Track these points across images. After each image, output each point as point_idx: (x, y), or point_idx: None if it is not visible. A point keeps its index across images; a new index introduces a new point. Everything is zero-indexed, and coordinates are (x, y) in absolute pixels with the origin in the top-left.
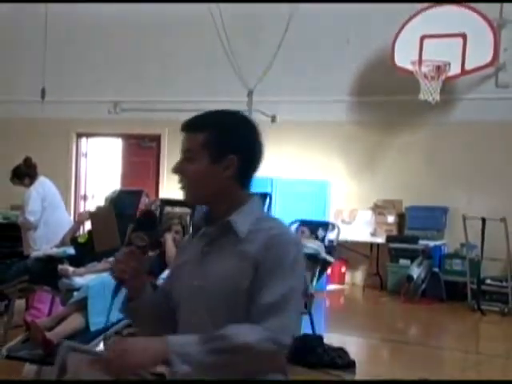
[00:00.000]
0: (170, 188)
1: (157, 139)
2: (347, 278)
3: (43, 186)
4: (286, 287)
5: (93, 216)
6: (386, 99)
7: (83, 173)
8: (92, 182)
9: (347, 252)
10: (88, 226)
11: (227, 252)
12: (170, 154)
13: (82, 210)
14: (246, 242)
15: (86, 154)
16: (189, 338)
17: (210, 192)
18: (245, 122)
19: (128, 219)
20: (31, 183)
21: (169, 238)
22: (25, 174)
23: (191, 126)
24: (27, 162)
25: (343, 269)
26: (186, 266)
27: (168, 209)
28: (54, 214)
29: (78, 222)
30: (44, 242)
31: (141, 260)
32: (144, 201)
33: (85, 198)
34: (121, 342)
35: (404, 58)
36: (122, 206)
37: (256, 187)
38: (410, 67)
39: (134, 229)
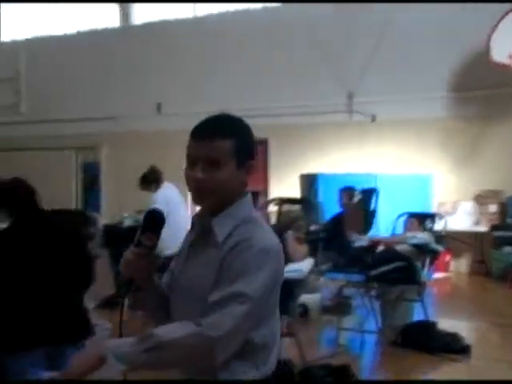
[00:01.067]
0: (278, 189)
1: (264, 143)
2: (452, 266)
3: (168, 190)
4: (232, 289)
5: None
6: (484, 93)
7: None
8: None
9: (451, 241)
10: None
11: (204, 253)
12: (276, 157)
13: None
14: (221, 246)
15: None
16: (126, 340)
17: (231, 196)
18: (250, 129)
19: None
20: (157, 188)
21: (290, 235)
22: (151, 180)
23: (214, 134)
24: (153, 169)
25: (448, 258)
26: (177, 259)
27: (286, 207)
28: (177, 216)
29: None
30: (169, 243)
31: (150, 259)
32: (261, 200)
33: None
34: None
35: (501, 52)
36: None
37: (362, 183)
38: (507, 61)
39: (142, 229)
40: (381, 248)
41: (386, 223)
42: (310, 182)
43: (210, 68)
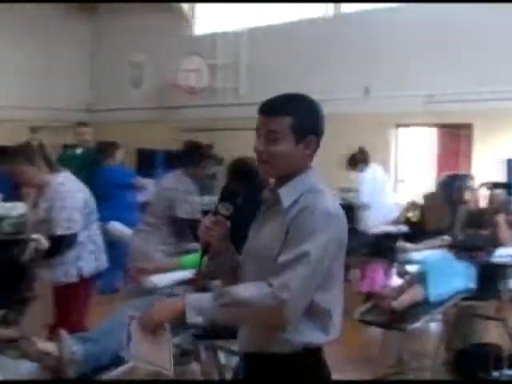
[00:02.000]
0: (481, 173)
1: (468, 128)
2: None
3: (374, 171)
4: (300, 250)
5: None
6: None
7: (400, 160)
8: (407, 168)
9: None
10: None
11: (273, 220)
12: (480, 141)
13: (400, 192)
14: (287, 212)
15: (402, 143)
16: (204, 295)
17: (290, 168)
18: (316, 106)
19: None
20: (364, 169)
21: (501, 218)
22: (359, 160)
23: (276, 110)
24: (361, 150)
25: None
26: (252, 227)
27: (497, 191)
28: (382, 195)
29: None
30: (376, 221)
31: (224, 226)
32: (465, 184)
33: (402, 181)
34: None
35: None
36: (449, 189)
37: None
38: None
39: (220, 199)
40: None
41: None
42: None
43: (414, 55)
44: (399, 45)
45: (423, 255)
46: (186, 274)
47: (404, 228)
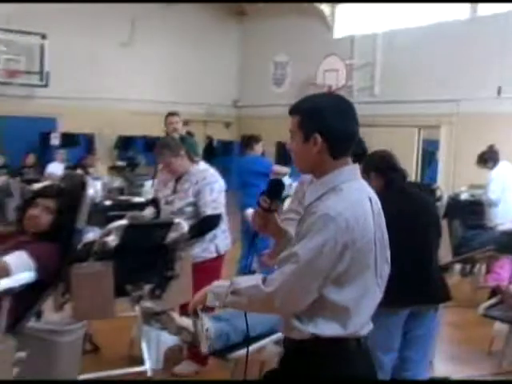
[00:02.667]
0: None
1: None
2: None
3: (504, 169)
4: (290, 251)
5: None
6: None
7: None
8: None
9: None
10: None
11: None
12: None
13: None
14: (305, 210)
15: None
16: (225, 282)
17: (306, 164)
18: (330, 106)
19: None
20: (494, 166)
21: None
22: (488, 158)
23: (292, 110)
24: (491, 148)
25: None
26: None
27: None
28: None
29: None
30: (504, 218)
31: (266, 217)
32: None
33: None
34: None
35: None
36: None
37: None
38: None
39: (262, 192)
40: None
41: None
42: None
43: None
44: None
45: None
46: None
47: None
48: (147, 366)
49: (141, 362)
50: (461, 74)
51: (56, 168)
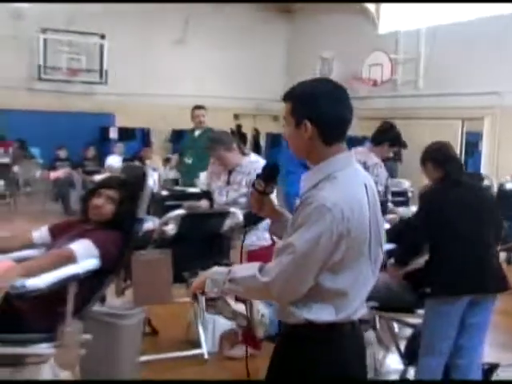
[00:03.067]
0: None
1: None
2: None
3: None
4: (287, 242)
5: None
6: None
7: None
8: None
9: None
10: None
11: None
12: None
13: None
14: (302, 200)
15: None
16: (223, 269)
17: (300, 150)
18: (321, 92)
19: None
20: None
21: None
22: None
23: (284, 97)
24: None
25: None
26: None
27: None
28: None
29: None
30: None
31: (260, 199)
32: None
33: None
34: None
35: None
36: None
37: None
38: None
39: (257, 175)
40: None
41: None
42: None
43: None
44: None
45: None
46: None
47: None
48: (204, 350)
49: (197, 345)
50: (503, 66)
51: (114, 160)
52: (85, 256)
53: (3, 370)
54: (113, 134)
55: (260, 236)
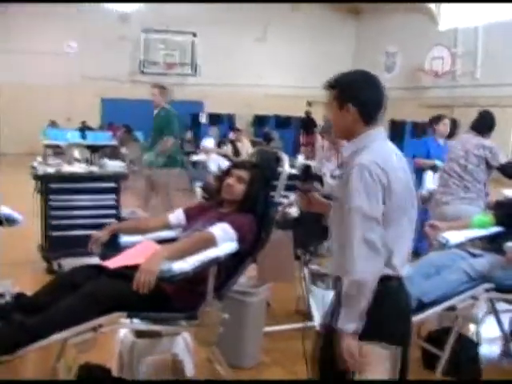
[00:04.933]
0: None
1: None
2: None
3: None
4: (346, 210)
5: None
6: None
7: None
8: None
9: None
10: None
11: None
12: None
13: None
14: (343, 166)
15: None
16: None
17: (342, 131)
18: (361, 80)
19: None
20: None
21: None
22: None
23: (328, 85)
24: None
25: None
26: None
27: None
28: None
29: None
30: None
31: (303, 197)
32: None
33: None
34: None
35: None
36: None
37: None
38: None
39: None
40: None
41: None
42: None
43: None
44: None
45: None
46: (477, 232)
47: None
48: (315, 322)
49: (308, 318)
50: None
51: (209, 142)
52: (224, 239)
53: (144, 340)
54: (202, 118)
55: None
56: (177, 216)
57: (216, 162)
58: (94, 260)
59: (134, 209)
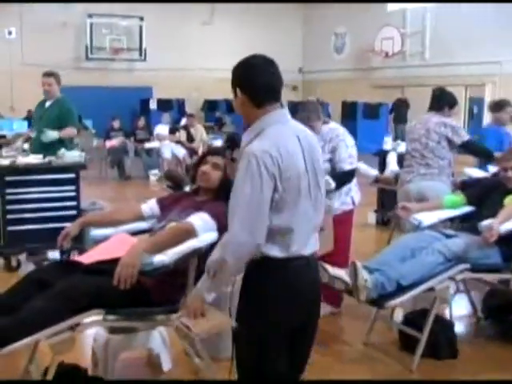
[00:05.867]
0: None
1: None
2: None
3: None
4: (234, 198)
5: None
6: None
7: None
8: None
9: None
10: None
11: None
12: None
13: None
14: (239, 157)
15: None
16: (201, 282)
17: (245, 117)
18: (249, 64)
19: None
20: None
21: None
22: None
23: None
24: None
25: None
26: None
27: None
28: None
29: None
30: None
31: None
32: None
33: None
34: None
35: None
36: None
37: None
38: None
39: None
40: None
41: None
42: None
43: None
44: None
45: None
46: (449, 213)
47: None
48: None
49: None
50: (503, 38)
51: (162, 129)
52: (204, 229)
53: (118, 336)
54: (152, 104)
55: (343, 201)
56: (150, 206)
57: (170, 149)
58: (55, 255)
59: (94, 199)
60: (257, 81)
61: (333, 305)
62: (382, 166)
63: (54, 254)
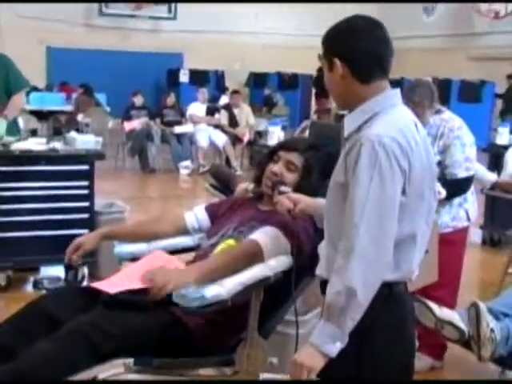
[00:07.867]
0: None
1: None
2: None
3: None
4: (356, 201)
5: None
6: None
7: None
8: None
9: None
10: None
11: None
12: None
13: None
14: (348, 142)
15: None
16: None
17: (339, 96)
18: (350, 28)
19: None
20: None
21: None
22: None
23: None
24: None
25: None
26: None
27: None
28: None
29: None
30: None
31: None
32: None
33: None
34: None
35: None
36: None
37: None
38: None
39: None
40: None
41: None
42: None
43: None
44: None
45: None
46: None
47: None
48: None
49: None
50: None
51: (197, 109)
52: (273, 251)
53: None
54: (183, 77)
55: (455, 215)
56: (197, 216)
57: (207, 135)
58: (58, 271)
59: (112, 200)
60: (363, 48)
61: (434, 357)
62: (494, 166)
63: (55, 271)
